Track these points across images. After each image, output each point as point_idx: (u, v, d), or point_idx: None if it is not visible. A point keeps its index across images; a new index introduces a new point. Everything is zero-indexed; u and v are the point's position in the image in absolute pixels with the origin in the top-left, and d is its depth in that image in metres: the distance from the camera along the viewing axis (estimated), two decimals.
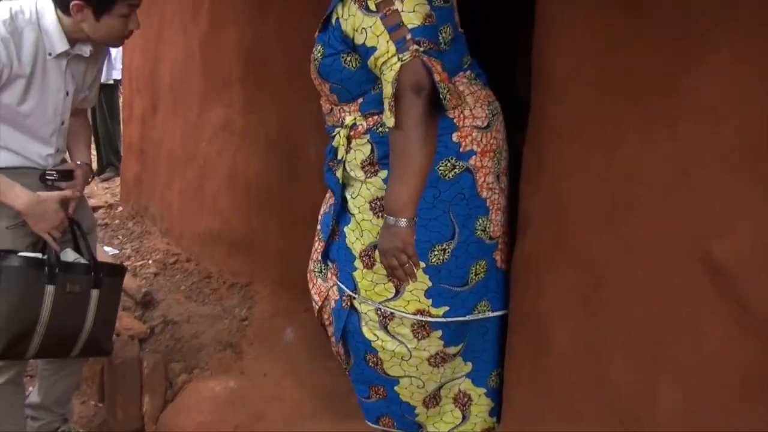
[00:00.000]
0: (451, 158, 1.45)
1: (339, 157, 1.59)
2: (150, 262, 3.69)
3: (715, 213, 1.01)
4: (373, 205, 1.53)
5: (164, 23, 2.02)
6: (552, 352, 1.38)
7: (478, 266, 1.54)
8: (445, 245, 1.49)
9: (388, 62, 1.32)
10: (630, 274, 1.16)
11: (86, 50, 1.72)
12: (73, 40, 1.66)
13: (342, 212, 1.63)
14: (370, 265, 1.55)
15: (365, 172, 1.55)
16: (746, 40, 0.96)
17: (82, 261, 1.72)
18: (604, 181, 1.21)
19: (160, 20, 3.54)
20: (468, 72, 1.52)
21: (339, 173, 1.60)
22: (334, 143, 1.60)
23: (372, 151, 1.53)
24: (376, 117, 1.51)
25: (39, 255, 1.65)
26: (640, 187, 1.14)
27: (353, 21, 1.38)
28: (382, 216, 1.45)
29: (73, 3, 1.56)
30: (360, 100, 1.54)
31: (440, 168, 1.45)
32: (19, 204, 1.58)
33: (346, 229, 1.61)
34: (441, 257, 1.50)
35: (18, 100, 1.60)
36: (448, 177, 1.46)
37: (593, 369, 1.26)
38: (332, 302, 1.70)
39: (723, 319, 1.00)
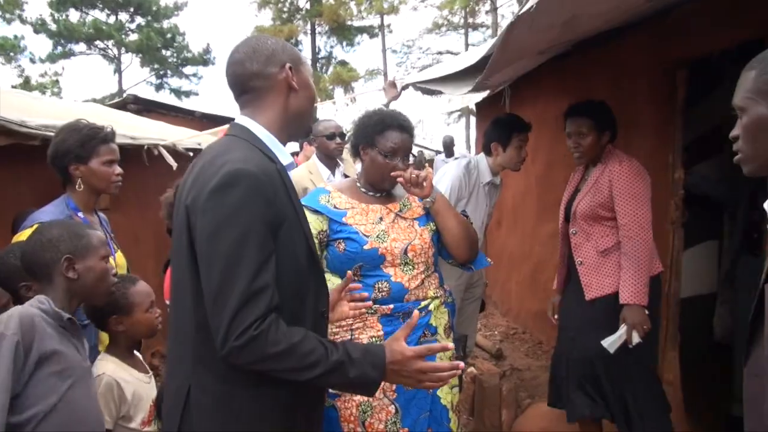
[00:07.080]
0: None
1: (432, 323, 1.72)
2: (495, 333, 4.57)
3: None
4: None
5: None
6: None
7: None
8: None
9: None
10: None
11: (497, 180, 2.81)
12: (495, 173, 2.79)
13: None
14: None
15: (446, 336, 1.79)
16: None
17: None
18: None
19: None
20: None
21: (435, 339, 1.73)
22: (432, 316, 1.71)
23: (449, 316, 1.83)
24: (443, 290, 1.84)
25: None
26: None
27: None
28: None
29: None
30: (436, 274, 1.82)
31: None
32: None
33: (438, 392, 1.75)
34: None
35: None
36: None
37: None
38: None
39: None
